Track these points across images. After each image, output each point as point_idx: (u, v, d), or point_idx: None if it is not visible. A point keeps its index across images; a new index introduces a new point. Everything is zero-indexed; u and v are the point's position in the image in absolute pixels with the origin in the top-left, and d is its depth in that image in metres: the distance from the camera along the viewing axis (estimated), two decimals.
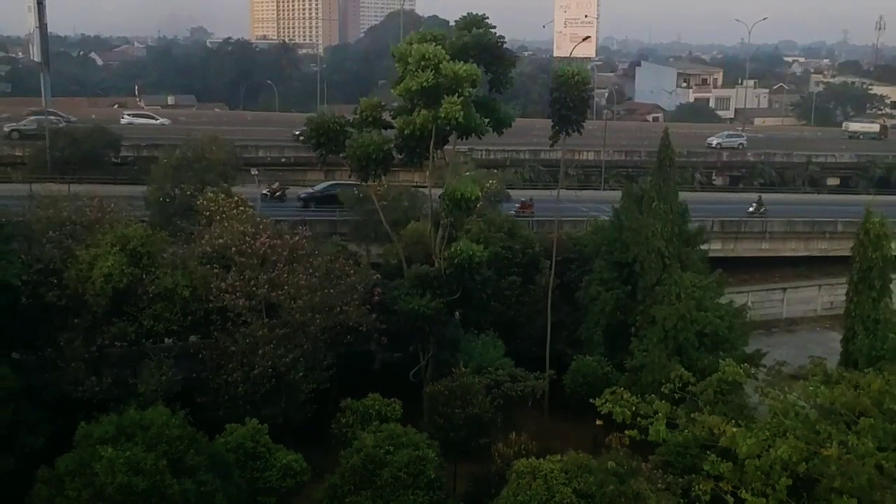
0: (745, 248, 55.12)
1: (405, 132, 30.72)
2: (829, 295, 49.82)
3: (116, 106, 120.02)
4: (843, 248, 55.81)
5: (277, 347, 28.08)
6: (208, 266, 29.07)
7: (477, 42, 30.89)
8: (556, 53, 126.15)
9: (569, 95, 33.03)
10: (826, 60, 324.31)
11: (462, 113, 28.76)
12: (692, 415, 16.04)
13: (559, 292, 38.14)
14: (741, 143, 79.58)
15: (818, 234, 56.18)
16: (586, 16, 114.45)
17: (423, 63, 28.67)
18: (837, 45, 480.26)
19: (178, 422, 22.48)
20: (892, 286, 27.81)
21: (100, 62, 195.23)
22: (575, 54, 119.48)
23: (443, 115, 28.68)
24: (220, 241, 28.99)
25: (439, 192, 35.24)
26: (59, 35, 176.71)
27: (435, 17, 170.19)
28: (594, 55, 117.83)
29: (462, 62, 29.69)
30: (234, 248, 28.70)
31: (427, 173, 34.00)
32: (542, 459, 21.91)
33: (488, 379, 31.96)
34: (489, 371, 32.59)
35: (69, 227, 29.47)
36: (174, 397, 29.08)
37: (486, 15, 31.76)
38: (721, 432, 14.17)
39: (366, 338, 33.23)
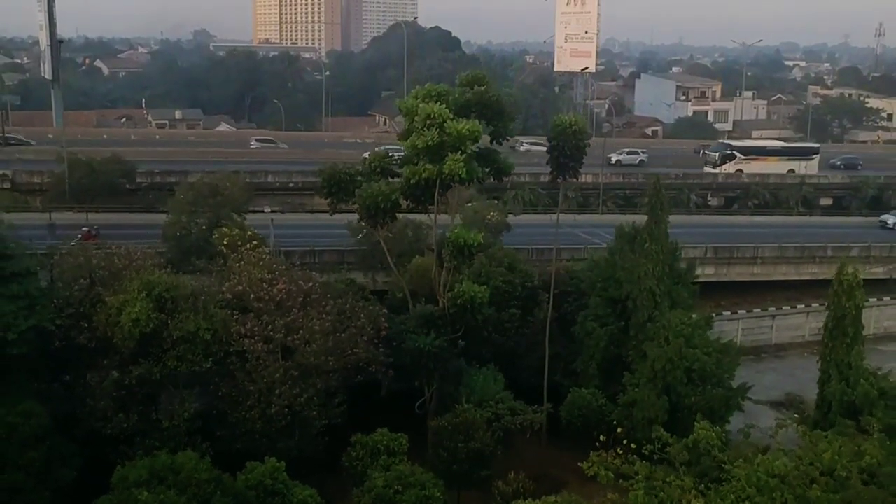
0: (738, 273, 57.03)
1: (411, 181, 32.78)
2: (816, 321, 51.57)
3: (125, 119, 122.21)
4: (833, 272, 57.77)
5: (293, 387, 30.17)
6: (228, 311, 31.13)
7: (478, 99, 33.01)
8: (556, 68, 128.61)
9: (566, 144, 35.13)
10: (827, 64, 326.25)
11: (465, 169, 30.85)
12: (668, 478, 18.05)
13: (557, 325, 40.06)
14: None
15: (808, 258, 58.10)
16: (587, 32, 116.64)
17: (428, 122, 30.74)
18: (839, 47, 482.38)
19: (206, 466, 24.54)
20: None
21: (106, 71, 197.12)
22: (575, 68, 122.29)
23: (447, 172, 30.78)
24: (239, 288, 31.05)
25: (444, 224, 37.37)
26: (62, 38, 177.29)
27: (437, 27, 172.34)
28: (594, 69, 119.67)
29: (464, 118, 31.76)
30: (252, 295, 30.76)
31: (432, 215, 35.97)
32: (538, 500, 23.92)
33: (489, 412, 33.99)
34: (490, 405, 34.59)
35: (98, 273, 31.56)
36: (195, 431, 31.29)
37: (486, 74, 33.85)
38: (689, 501, 16.15)
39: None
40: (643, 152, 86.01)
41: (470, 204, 50.31)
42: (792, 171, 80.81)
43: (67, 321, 30.81)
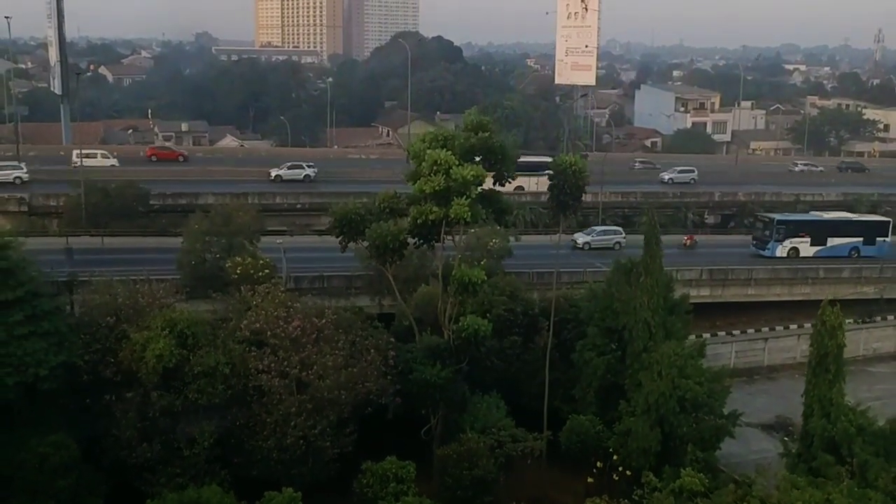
0: (733, 294, 58.72)
1: (418, 221, 34.66)
2: (807, 343, 53.28)
3: (131, 131, 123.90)
4: (825, 292, 59.63)
5: (307, 419, 32.01)
6: (246, 346, 33.00)
7: (482, 145, 34.96)
8: (557, 81, 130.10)
9: (566, 184, 37.03)
10: (827, 68, 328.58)
11: (469, 213, 32.76)
12: None
13: (557, 351, 41.87)
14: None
15: (801, 279, 59.84)
16: (587, 46, 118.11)
17: (435, 168, 32.64)
18: (839, 48, 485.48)
19: (230, 500, 26.34)
20: None
21: (110, 78, 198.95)
22: (575, 81, 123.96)
23: (452, 216, 32.69)
24: (257, 325, 32.92)
25: (450, 247, 39.24)
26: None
27: (439, 37, 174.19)
28: (594, 83, 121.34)
29: (469, 162, 33.65)
30: (269, 332, 32.64)
31: (437, 255, 37.83)
32: None
33: (492, 439, 35.86)
34: (493, 432, 36.43)
35: (123, 312, 33.43)
36: (214, 459, 33.14)
37: (490, 120, 35.88)
38: None
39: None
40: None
41: (473, 231, 52.05)
42: (521, 188, 72.36)
43: (94, 356, 32.70)
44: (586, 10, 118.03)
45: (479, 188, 33.92)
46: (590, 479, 35.35)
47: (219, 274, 43.65)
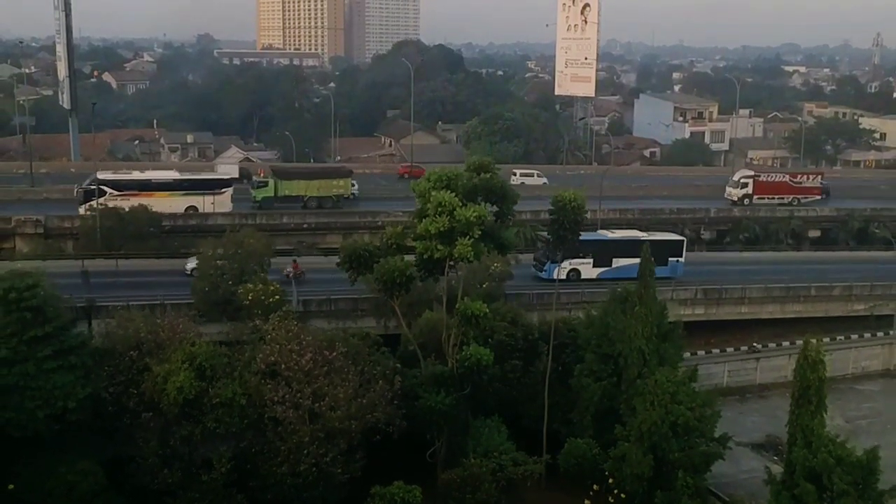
0: (726, 312, 60.50)
1: (424, 257, 36.57)
2: None
3: (137, 141, 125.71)
4: (816, 310, 61.71)
5: (319, 447, 33.92)
6: (260, 377, 34.94)
7: (485, 185, 36.91)
8: (557, 91, 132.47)
9: (566, 219, 38.92)
10: (826, 70, 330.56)
11: (472, 252, 34.68)
12: None
13: (556, 375, 43.72)
14: None
15: (793, 297, 61.63)
16: (586, 58, 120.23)
17: (439, 209, 34.55)
18: (839, 48, 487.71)
19: None
20: None
21: (114, 84, 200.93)
22: (575, 92, 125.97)
23: (456, 255, 34.60)
24: (272, 358, 34.84)
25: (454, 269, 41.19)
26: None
27: (441, 45, 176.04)
28: (593, 95, 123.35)
29: (472, 202, 35.55)
30: (283, 365, 34.57)
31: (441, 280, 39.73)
32: None
33: (493, 463, 37.75)
34: (494, 456, 38.30)
35: (145, 345, 35.39)
36: (230, 483, 35.09)
37: (492, 161, 37.81)
38: None
39: None
40: None
41: None
42: (194, 208, 67.99)
43: (118, 388, 34.68)
44: (586, 22, 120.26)
45: (481, 227, 35.77)
46: (587, 502, 37.19)
47: (231, 299, 45.65)
